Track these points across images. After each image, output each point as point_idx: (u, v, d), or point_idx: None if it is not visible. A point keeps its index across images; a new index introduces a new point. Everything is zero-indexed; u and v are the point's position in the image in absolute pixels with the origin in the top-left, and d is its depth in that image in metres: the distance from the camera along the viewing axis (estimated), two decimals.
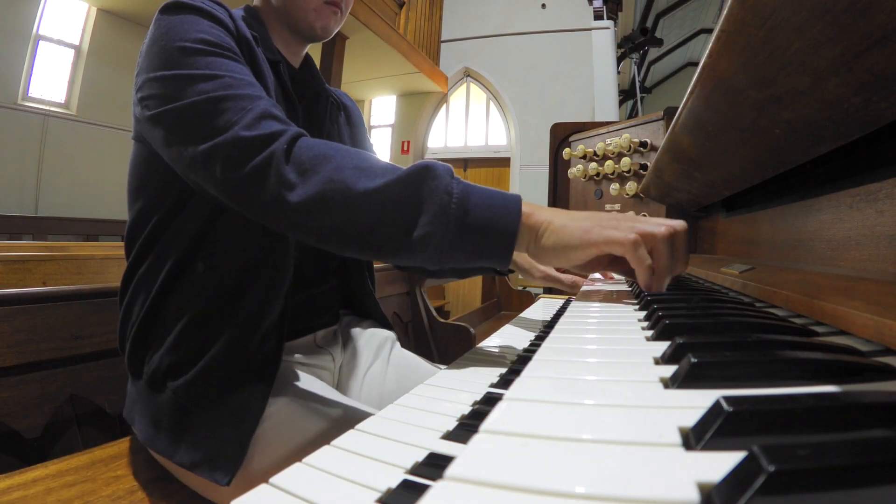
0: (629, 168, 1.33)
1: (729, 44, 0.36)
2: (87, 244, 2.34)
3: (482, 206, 0.45)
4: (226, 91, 0.51)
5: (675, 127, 0.62)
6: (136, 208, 0.63)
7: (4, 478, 0.58)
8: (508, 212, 0.46)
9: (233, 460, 0.53)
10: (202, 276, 0.59)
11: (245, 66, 0.58)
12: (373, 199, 0.46)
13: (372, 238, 0.47)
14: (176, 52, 0.54)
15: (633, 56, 5.73)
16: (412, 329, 1.82)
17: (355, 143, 0.86)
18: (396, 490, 0.21)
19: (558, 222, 0.47)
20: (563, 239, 0.46)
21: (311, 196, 0.46)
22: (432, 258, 0.45)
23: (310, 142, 0.50)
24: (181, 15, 0.57)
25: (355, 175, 0.47)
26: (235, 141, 0.49)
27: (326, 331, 0.78)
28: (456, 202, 0.45)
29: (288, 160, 0.48)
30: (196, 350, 0.58)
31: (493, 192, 0.47)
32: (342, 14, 0.74)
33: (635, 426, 0.19)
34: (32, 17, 3.99)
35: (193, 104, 0.51)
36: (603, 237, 0.46)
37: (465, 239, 0.45)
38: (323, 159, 0.48)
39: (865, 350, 0.28)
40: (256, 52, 0.63)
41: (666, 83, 9.08)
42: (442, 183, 0.45)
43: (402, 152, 6.51)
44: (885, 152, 0.41)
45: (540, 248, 0.47)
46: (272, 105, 0.53)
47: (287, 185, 0.47)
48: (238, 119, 0.50)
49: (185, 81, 0.52)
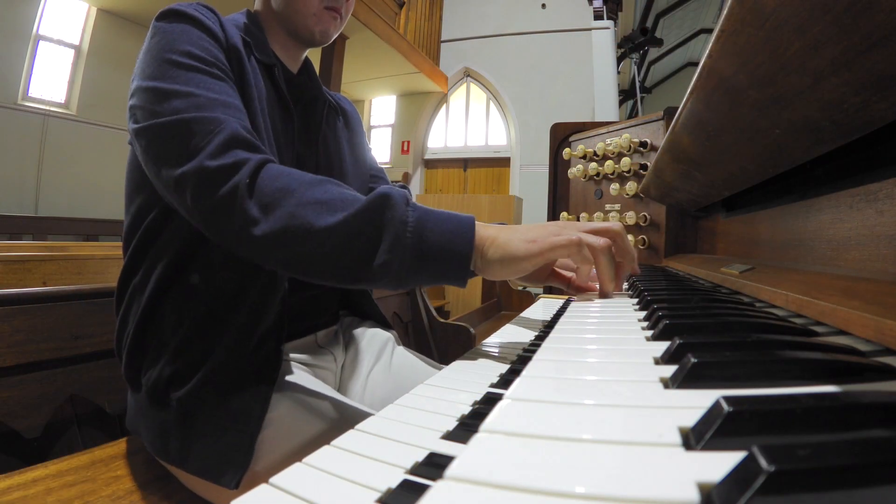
0: (629, 168, 1.33)
1: (729, 44, 0.36)
2: (87, 244, 2.34)
3: (436, 232, 0.48)
4: (196, 112, 0.53)
5: (675, 127, 0.62)
6: (131, 211, 0.63)
7: (4, 478, 0.58)
8: (462, 235, 0.48)
9: (239, 464, 0.53)
10: (197, 283, 0.60)
11: (227, 80, 0.59)
12: (334, 233, 0.48)
13: (335, 268, 0.49)
14: (163, 63, 0.56)
15: (633, 56, 5.73)
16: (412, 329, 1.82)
17: (353, 147, 0.86)
18: (396, 490, 0.21)
19: (503, 237, 0.49)
20: (510, 251, 0.48)
21: (274, 231, 0.49)
22: (392, 283, 0.48)
23: (273, 171, 0.51)
24: (174, 24, 0.59)
25: (317, 210, 0.49)
26: (201, 171, 0.50)
27: (327, 331, 0.78)
28: (411, 230, 0.47)
29: (251, 194, 0.50)
30: (196, 358, 0.58)
31: (446, 215, 0.49)
32: (342, 20, 0.74)
33: (635, 426, 0.19)
34: (32, 17, 3.99)
35: (165, 125, 0.53)
36: (547, 244, 0.48)
37: (421, 264, 0.47)
38: (285, 193, 0.50)
39: (865, 350, 0.28)
40: (245, 61, 0.63)
41: (666, 83, 9.08)
42: (398, 212, 0.48)
43: (402, 152, 6.51)
44: (885, 152, 0.41)
45: (486, 263, 0.49)
46: (241, 127, 0.54)
47: (250, 220, 0.49)
48: (205, 144, 0.51)
49: (162, 96, 0.54)
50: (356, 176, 0.84)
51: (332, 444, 0.26)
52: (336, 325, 0.81)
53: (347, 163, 0.82)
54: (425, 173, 6.68)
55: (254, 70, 0.65)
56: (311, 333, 0.75)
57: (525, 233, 0.50)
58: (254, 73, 0.65)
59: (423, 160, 6.65)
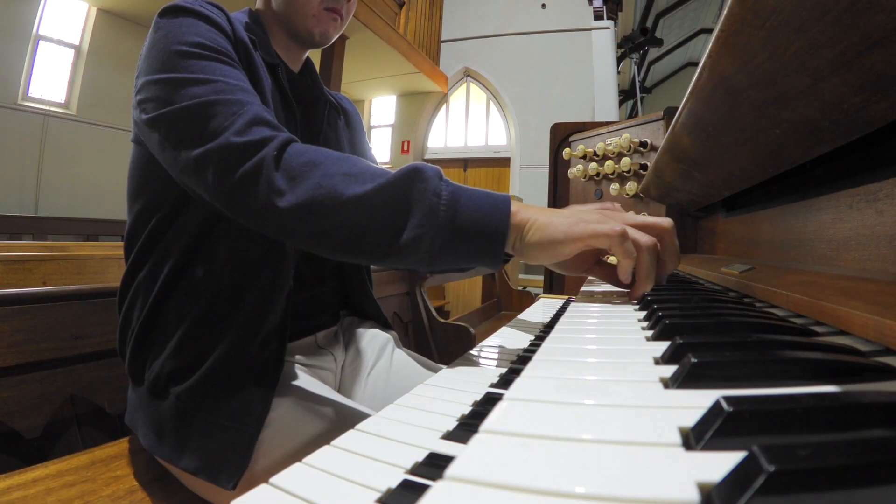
0: (629, 168, 1.33)
1: (729, 44, 0.36)
2: (87, 244, 2.34)
3: (471, 208, 0.45)
4: (218, 95, 0.52)
5: (675, 127, 0.62)
6: (134, 211, 0.63)
7: (4, 478, 0.58)
8: (498, 211, 0.46)
9: (237, 465, 0.53)
10: (202, 280, 0.59)
11: (240, 70, 0.58)
12: (362, 203, 0.46)
13: (363, 242, 0.47)
14: (173, 55, 0.54)
15: (633, 56, 5.73)
16: (412, 329, 1.82)
17: (354, 146, 0.86)
18: (396, 490, 0.21)
19: (543, 219, 0.47)
20: (549, 234, 0.46)
21: (300, 202, 0.47)
22: (423, 260, 0.46)
23: (300, 148, 0.51)
24: (179, 18, 0.58)
25: (344, 181, 0.47)
26: (226, 147, 0.49)
27: (327, 331, 0.78)
28: (445, 204, 0.45)
29: (278, 166, 0.49)
30: (198, 355, 0.58)
31: (481, 192, 0.47)
32: (342, 21, 0.74)
33: (635, 426, 0.19)
34: (32, 17, 3.98)
35: (185, 108, 0.51)
36: (589, 230, 0.46)
37: (455, 241, 0.45)
38: (312, 165, 0.48)
39: (865, 350, 0.28)
40: (254, 55, 0.64)
41: (666, 83, 9.08)
42: (430, 185, 0.45)
43: (402, 152, 6.51)
44: (885, 152, 0.41)
45: (525, 246, 0.46)
46: (263, 110, 0.53)
47: (277, 191, 0.48)
48: (229, 124, 0.50)
49: (179, 85, 0.52)
50: None
51: (332, 444, 0.26)
52: (336, 326, 0.81)
53: None
54: None
55: (261, 67, 0.65)
56: (311, 334, 0.75)
57: (567, 216, 0.47)
58: (261, 69, 0.65)
59: (423, 160, 6.65)
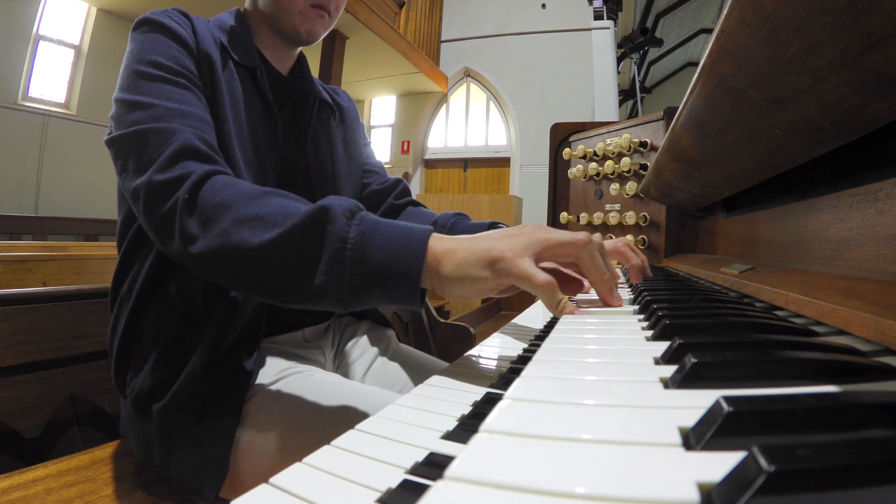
0: (629, 168, 1.33)
1: (729, 44, 0.36)
2: (87, 244, 2.34)
3: (382, 250, 0.42)
4: (153, 123, 0.53)
5: (675, 127, 0.62)
6: (122, 213, 0.65)
7: (4, 478, 0.58)
8: (410, 251, 0.42)
9: (216, 476, 0.55)
10: (174, 295, 0.61)
11: (193, 89, 0.59)
12: (268, 252, 0.45)
13: (273, 287, 0.46)
14: (131, 74, 0.57)
15: (633, 56, 5.73)
16: (412, 329, 1.82)
17: (348, 144, 0.85)
18: (396, 490, 0.21)
19: (463, 247, 0.42)
20: (463, 269, 0.40)
21: (211, 249, 0.47)
22: (337, 305, 0.44)
23: (216, 185, 0.50)
24: (146, 34, 0.60)
25: (252, 227, 0.46)
26: (147, 185, 0.51)
27: (316, 327, 0.78)
28: (351, 248, 0.42)
29: (191, 209, 0.49)
30: (170, 373, 0.59)
31: (398, 230, 0.43)
32: (330, 18, 0.73)
33: (635, 426, 0.19)
34: (32, 17, 3.99)
35: (125, 136, 0.54)
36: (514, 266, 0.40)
37: (366, 284, 0.42)
38: (223, 207, 0.47)
39: (865, 350, 0.28)
40: (217, 67, 0.63)
41: (666, 83, 9.07)
42: (336, 228, 0.43)
43: (402, 152, 6.51)
44: (885, 152, 0.41)
45: (442, 280, 0.41)
46: (195, 136, 0.53)
47: (188, 237, 0.48)
48: (157, 156, 0.51)
49: (128, 108, 0.55)
50: (349, 175, 0.83)
51: (331, 443, 0.26)
52: (327, 322, 0.80)
53: (340, 162, 0.81)
54: (425, 173, 6.68)
55: (230, 74, 0.65)
56: (298, 329, 0.75)
57: (493, 243, 0.41)
58: (229, 77, 0.65)
59: (423, 160, 6.65)
